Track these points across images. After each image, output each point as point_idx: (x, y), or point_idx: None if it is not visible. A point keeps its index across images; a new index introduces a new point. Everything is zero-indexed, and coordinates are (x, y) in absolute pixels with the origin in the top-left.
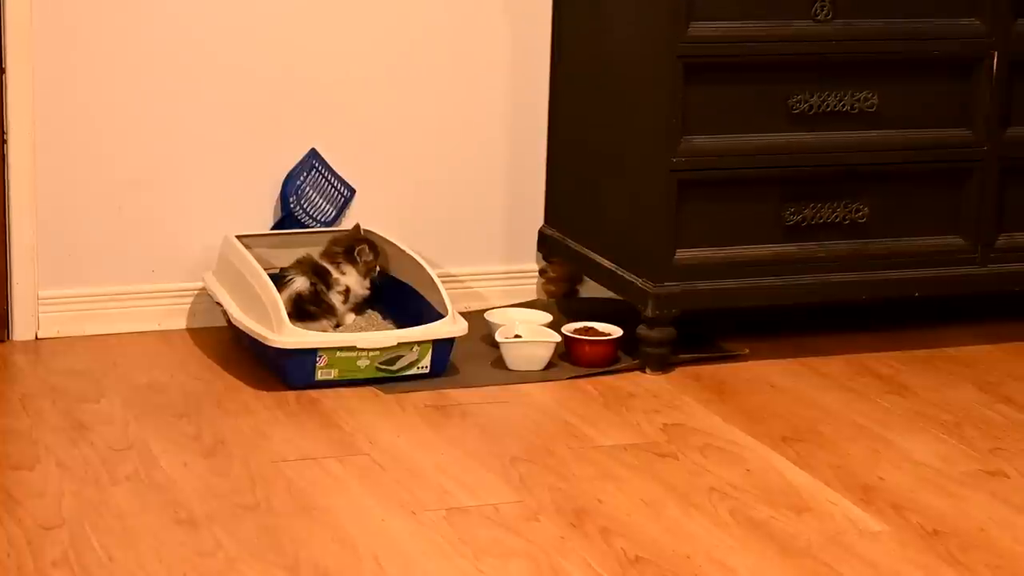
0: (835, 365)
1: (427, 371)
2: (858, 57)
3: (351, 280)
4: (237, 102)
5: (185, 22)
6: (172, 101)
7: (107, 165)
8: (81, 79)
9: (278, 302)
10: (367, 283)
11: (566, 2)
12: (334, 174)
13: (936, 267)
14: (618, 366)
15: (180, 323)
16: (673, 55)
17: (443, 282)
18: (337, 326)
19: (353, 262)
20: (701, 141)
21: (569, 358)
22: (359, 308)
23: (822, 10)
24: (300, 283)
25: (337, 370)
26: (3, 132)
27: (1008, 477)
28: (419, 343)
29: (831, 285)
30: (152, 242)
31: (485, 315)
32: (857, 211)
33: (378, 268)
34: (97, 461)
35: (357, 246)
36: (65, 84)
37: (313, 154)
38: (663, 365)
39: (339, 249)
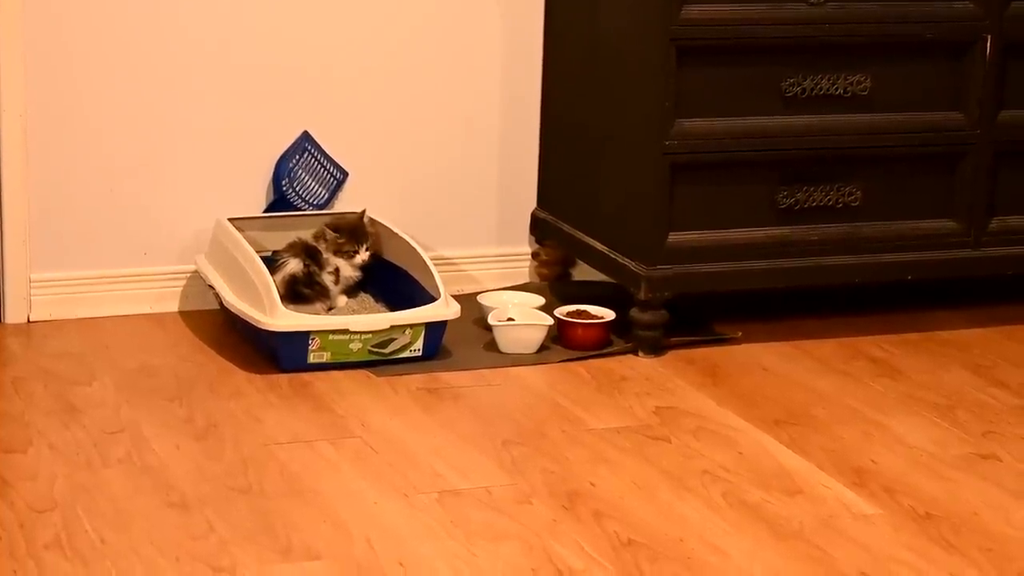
0: (828, 348)
1: (419, 354)
2: (851, 40)
3: (340, 260)
4: (229, 85)
5: (177, 6)
6: (164, 84)
7: (99, 148)
8: (73, 63)
9: (270, 285)
10: (352, 263)
11: None
12: (327, 157)
13: (929, 250)
14: (611, 349)
15: (172, 306)
16: (666, 38)
17: (436, 265)
18: (330, 309)
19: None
20: (694, 124)
21: (562, 341)
22: (352, 291)
23: None
24: (294, 265)
25: (330, 353)
26: None
27: (1001, 460)
28: (411, 326)
29: (824, 268)
30: (144, 225)
31: (478, 298)
32: (850, 194)
33: (360, 251)
34: (89, 444)
35: (326, 232)
36: (56, 68)
37: (305, 137)
38: (656, 348)
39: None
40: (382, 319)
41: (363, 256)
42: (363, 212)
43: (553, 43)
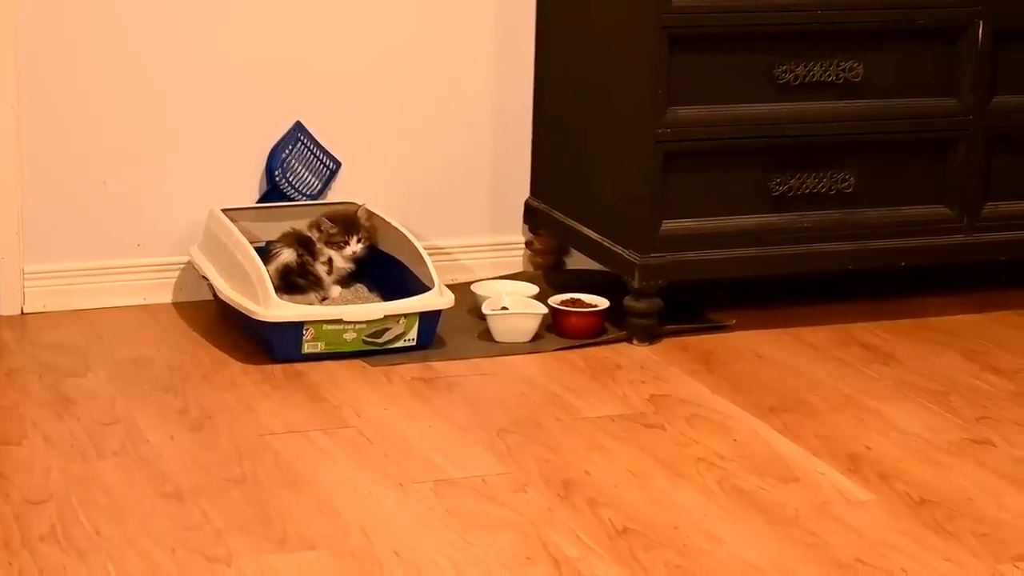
0: (822, 335)
1: (414, 343)
2: (843, 27)
3: (332, 251)
4: (222, 75)
5: None
6: (157, 75)
7: (92, 139)
8: (66, 54)
9: (264, 275)
10: (342, 254)
11: None
12: (319, 147)
13: (922, 236)
14: (605, 337)
15: (166, 297)
16: (658, 26)
17: (429, 254)
18: (324, 299)
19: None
20: (686, 112)
21: (556, 330)
22: (346, 281)
23: None
24: (287, 255)
25: (324, 343)
26: None
27: (994, 446)
28: (405, 315)
29: (817, 255)
30: (138, 216)
31: (472, 287)
32: (843, 181)
33: (351, 243)
34: (84, 436)
35: (322, 221)
36: (49, 59)
37: (298, 127)
38: (650, 336)
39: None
40: (376, 309)
41: (354, 248)
42: (361, 206)
43: (546, 32)
